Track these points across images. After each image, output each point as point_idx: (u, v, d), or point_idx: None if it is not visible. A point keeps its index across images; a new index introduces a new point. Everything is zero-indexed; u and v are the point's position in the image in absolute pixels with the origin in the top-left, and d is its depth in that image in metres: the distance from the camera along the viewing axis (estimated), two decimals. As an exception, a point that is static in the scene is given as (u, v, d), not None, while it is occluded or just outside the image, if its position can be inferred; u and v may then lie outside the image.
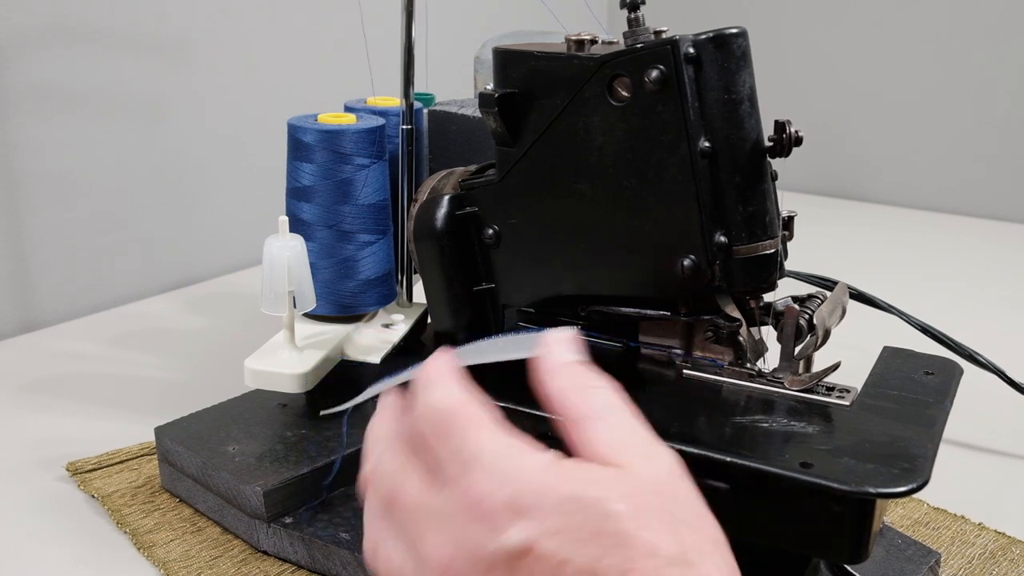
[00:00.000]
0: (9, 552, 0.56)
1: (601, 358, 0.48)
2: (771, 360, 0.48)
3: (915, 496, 0.58)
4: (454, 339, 0.57)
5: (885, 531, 0.52)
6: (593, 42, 0.48)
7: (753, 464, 0.38)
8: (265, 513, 0.54)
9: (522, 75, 0.49)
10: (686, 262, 0.45)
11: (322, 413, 0.51)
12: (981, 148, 1.39)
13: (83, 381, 0.79)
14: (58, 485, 0.63)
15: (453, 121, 0.69)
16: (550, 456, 0.32)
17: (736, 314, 0.48)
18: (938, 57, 1.40)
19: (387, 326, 0.68)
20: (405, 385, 0.38)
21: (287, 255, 0.57)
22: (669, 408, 0.43)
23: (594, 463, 0.31)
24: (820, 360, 0.47)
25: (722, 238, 0.44)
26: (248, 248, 1.11)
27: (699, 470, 0.38)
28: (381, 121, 0.65)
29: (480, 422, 0.33)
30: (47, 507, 0.60)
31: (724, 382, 0.47)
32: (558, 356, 0.35)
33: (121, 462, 0.64)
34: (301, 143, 0.63)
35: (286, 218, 0.58)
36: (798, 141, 0.44)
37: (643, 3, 0.47)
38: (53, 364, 0.83)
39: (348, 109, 0.71)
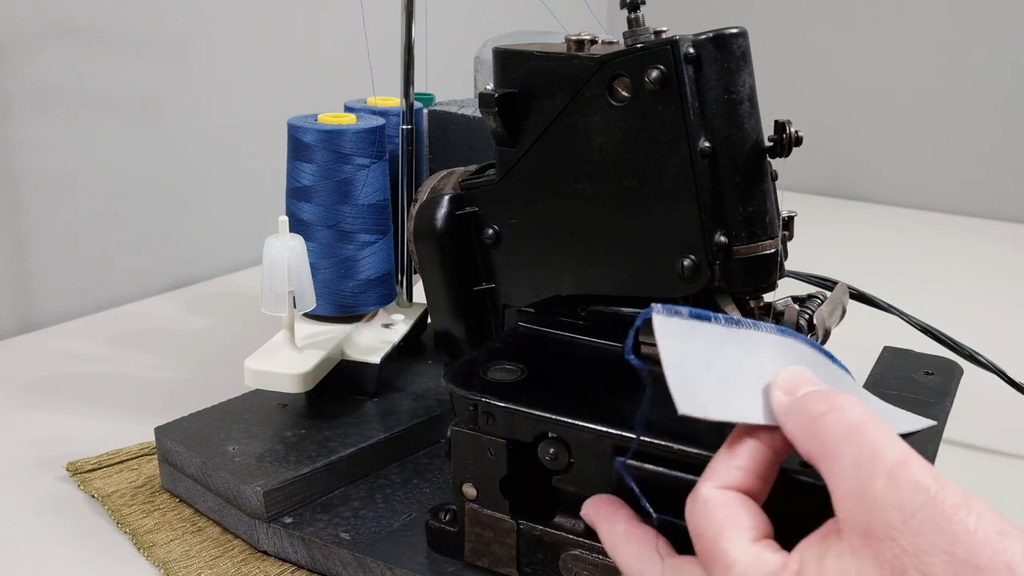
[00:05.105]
0: (9, 552, 0.56)
1: (601, 358, 0.49)
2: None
3: (915, 496, 0.58)
4: (454, 340, 0.57)
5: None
6: (593, 42, 0.48)
7: (753, 464, 0.38)
8: (265, 513, 0.54)
9: (522, 75, 0.49)
10: (686, 262, 0.45)
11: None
12: (981, 148, 1.40)
13: (83, 381, 0.79)
14: (58, 485, 0.63)
15: (453, 121, 0.69)
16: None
17: (736, 314, 0.48)
18: (939, 57, 1.40)
19: (387, 326, 0.68)
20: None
21: (287, 255, 0.57)
22: (669, 408, 0.43)
23: None
24: (820, 360, 0.47)
25: (722, 238, 0.44)
26: (248, 248, 1.11)
27: (700, 470, 0.38)
28: (381, 121, 0.65)
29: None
30: (47, 507, 0.60)
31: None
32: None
33: (121, 462, 0.64)
34: (301, 143, 0.63)
35: (286, 218, 0.58)
36: (798, 141, 0.44)
37: (643, 3, 0.47)
38: (53, 364, 0.83)
39: (348, 109, 0.71)
